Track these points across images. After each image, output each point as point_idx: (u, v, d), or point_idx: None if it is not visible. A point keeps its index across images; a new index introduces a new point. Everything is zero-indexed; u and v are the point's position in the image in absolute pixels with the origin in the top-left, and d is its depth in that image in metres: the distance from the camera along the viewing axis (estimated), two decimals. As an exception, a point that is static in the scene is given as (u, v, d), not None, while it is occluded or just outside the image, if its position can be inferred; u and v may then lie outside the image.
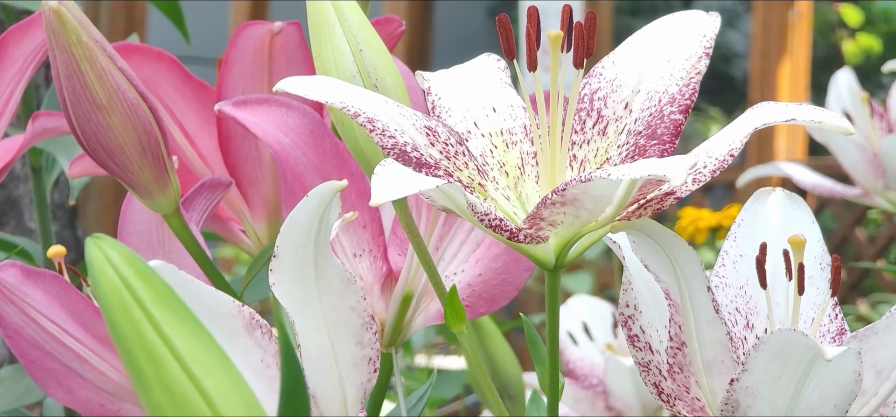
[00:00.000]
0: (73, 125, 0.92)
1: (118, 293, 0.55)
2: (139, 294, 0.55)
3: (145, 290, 0.55)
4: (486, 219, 0.77)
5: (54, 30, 0.89)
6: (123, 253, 0.55)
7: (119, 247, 0.55)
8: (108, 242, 0.56)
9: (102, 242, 0.56)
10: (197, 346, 0.55)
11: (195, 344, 0.55)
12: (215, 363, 0.55)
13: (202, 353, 0.55)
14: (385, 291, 1.00)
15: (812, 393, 0.79)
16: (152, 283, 0.55)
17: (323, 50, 0.86)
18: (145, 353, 0.54)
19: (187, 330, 0.55)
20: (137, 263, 0.55)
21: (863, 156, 2.00)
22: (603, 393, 1.72)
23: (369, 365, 0.83)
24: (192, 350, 0.54)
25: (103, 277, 0.55)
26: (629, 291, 0.88)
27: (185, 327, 0.55)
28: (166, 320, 0.55)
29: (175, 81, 1.16)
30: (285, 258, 0.79)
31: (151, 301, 0.55)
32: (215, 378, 0.55)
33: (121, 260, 0.55)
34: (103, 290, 0.55)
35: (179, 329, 0.55)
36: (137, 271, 0.55)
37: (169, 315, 0.55)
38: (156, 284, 0.55)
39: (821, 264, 0.94)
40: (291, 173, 0.99)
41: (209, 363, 0.55)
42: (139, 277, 0.55)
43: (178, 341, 0.54)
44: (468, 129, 0.87)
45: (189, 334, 0.55)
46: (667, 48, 0.85)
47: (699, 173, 0.78)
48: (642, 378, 0.88)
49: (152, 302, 0.55)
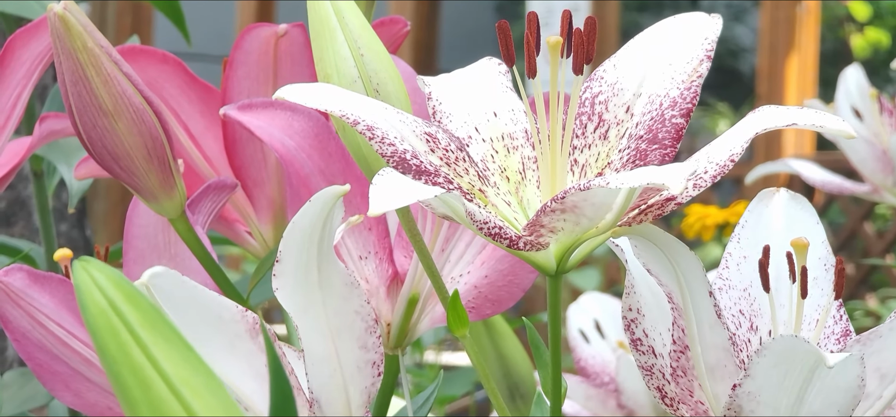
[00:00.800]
0: (79, 130, 0.92)
1: (105, 316, 0.55)
2: (127, 317, 0.55)
3: (133, 313, 0.55)
4: (485, 228, 0.77)
5: (60, 35, 0.89)
6: (111, 277, 0.55)
7: (106, 270, 0.55)
8: (95, 265, 0.55)
9: (90, 265, 0.56)
10: (185, 369, 0.55)
11: (183, 367, 0.55)
12: (204, 385, 0.55)
13: (190, 376, 0.55)
14: (391, 293, 1.00)
15: (815, 399, 0.79)
16: (140, 306, 0.55)
17: (324, 55, 0.86)
18: (133, 376, 0.54)
19: (176, 352, 0.55)
20: (125, 286, 0.55)
21: (872, 153, 1.99)
22: (614, 392, 1.72)
23: (373, 369, 0.83)
24: (181, 373, 0.54)
25: (90, 300, 0.55)
26: (632, 295, 0.88)
27: (173, 349, 0.55)
28: (154, 342, 0.55)
29: (180, 83, 1.17)
30: (288, 262, 0.79)
31: (139, 323, 0.55)
32: (204, 400, 0.54)
33: (108, 283, 0.55)
34: (91, 313, 0.55)
35: (167, 351, 0.55)
36: (125, 294, 0.55)
37: (157, 337, 0.55)
38: (143, 307, 0.55)
39: (825, 265, 0.94)
40: (296, 176, 0.99)
41: (197, 385, 0.55)
42: (127, 300, 0.55)
43: (166, 363, 0.54)
44: (469, 135, 0.87)
45: (177, 356, 0.55)
46: (668, 51, 0.85)
47: (699, 179, 0.78)
48: (646, 382, 0.88)
49: (140, 325, 0.55)
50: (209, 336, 0.79)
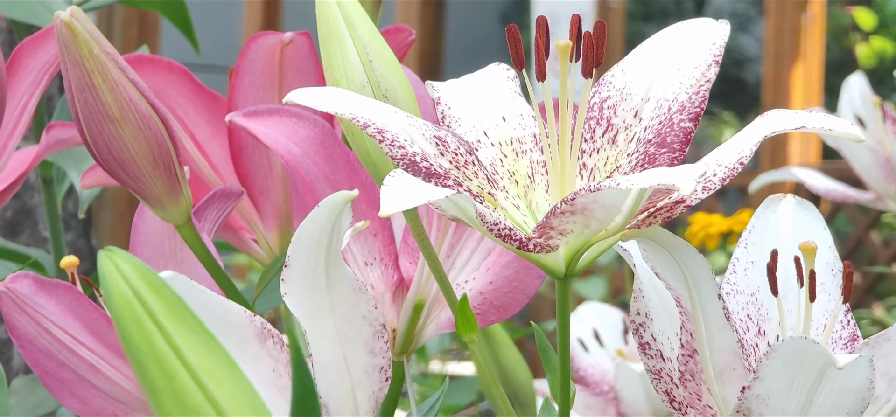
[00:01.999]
0: (86, 137, 0.92)
1: (130, 306, 0.55)
2: (151, 306, 0.55)
3: (157, 303, 0.55)
4: (496, 229, 0.77)
5: (66, 42, 0.89)
6: (136, 266, 0.56)
7: (131, 260, 0.56)
8: (120, 255, 0.56)
9: (115, 255, 0.56)
10: (209, 358, 0.55)
11: (207, 357, 0.55)
12: (227, 375, 0.55)
13: (214, 365, 0.55)
14: (396, 299, 1.00)
15: (824, 401, 0.79)
16: (164, 296, 0.55)
17: (333, 60, 0.86)
18: (157, 365, 0.54)
19: (199, 342, 0.55)
20: (149, 276, 0.56)
21: (875, 161, 1.99)
22: (614, 400, 1.72)
23: (381, 374, 0.83)
24: (204, 363, 0.55)
25: (115, 290, 0.55)
26: (640, 299, 0.88)
27: (196, 339, 0.55)
28: (178, 332, 0.55)
29: (186, 91, 1.17)
30: (296, 268, 0.79)
31: (163, 313, 0.55)
32: (227, 389, 0.55)
33: (133, 272, 0.56)
34: (115, 303, 0.55)
35: (191, 341, 0.55)
36: (149, 284, 0.55)
37: (181, 327, 0.55)
38: (168, 297, 0.55)
39: (832, 270, 0.94)
40: (302, 183, 0.99)
41: (221, 375, 0.55)
42: (151, 290, 0.55)
43: (189, 353, 0.55)
44: (478, 139, 0.87)
45: (201, 346, 0.55)
46: (676, 56, 0.85)
47: (709, 181, 0.78)
48: (654, 386, 0.87)
49: (164, 315, 0.55)
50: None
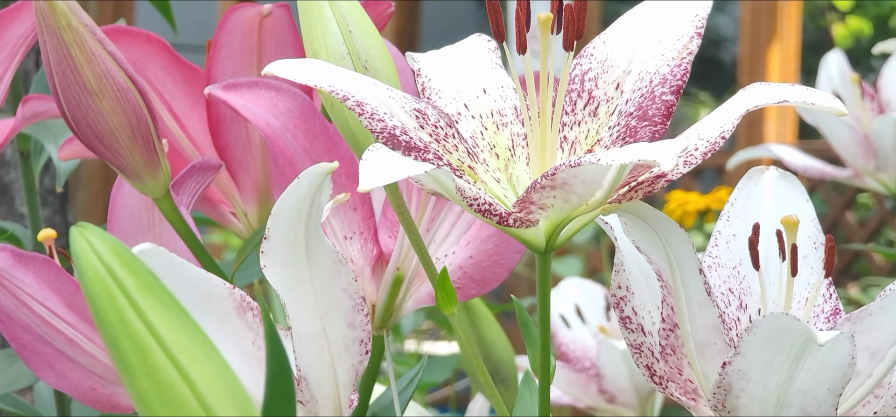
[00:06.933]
0: (64, 109, 0.92)
1: (103, 282, 0.54)
2: (124, 282, 0.54)
3: (130, 279, 0.55)
4: (476, 204, 0.77)
5: (44, 14, 0.88)
6: (108, 242, 0.55)
7: (104, 236, 0.55)
8: (92, 231, 0.55)
9: (87, 231, 0.55)
10: (182, 335, 0.54)
11: (181, 333, 0.54)
12: (201, 351, 0.54)
13: (188, 342, 0.54)
14: (376, 273, 1.00)
15: (805, 377, 0.79)
16: (137, 272, 0.55)
17: (312, 31, 0.86)
18: (130, 342, 0.54)
19: (173, 318, 0.55)
20: (122, 252, 0.55)
21: (854, 138, 1.99)
22: (595, 377, 1.71)
23: (361, 347, 0.83)
24: (178, 339, 0.54)
25: (88, 266, 0.55)
26: (621, 272, 0.87)
27: (170, 315, 0.55)
28: (151, 308, 0.54)
29: (164, 64, 1.16)
30: (276, 240, 0.79)
31: (136, 289, 0.55)
32: (201, 366, 0.54)
33: (105, 248, 0.55)
34: (88, 279, 0.54)
35: (165, 317, 0.54)
36: (122, 260, 0.55)
37: (154, 303, 0.55)
38: (140, 273, 0.55)
39: (815, 244, 0.94)
40: (282, 156, 0.98)
41: (195, 351, 0.54)
42: (124, 266, 0.55)
43: (163, 329, 0.54)
44: (458, 111, 0.87)
45: (174, 323, 0.55)
46: (658, 28, 0.85)
47: (690, 156, 0.77)
48: (635, 361, 0.87)
49: (137, 291, 0.55)
50: (197, 313, 0.79)
